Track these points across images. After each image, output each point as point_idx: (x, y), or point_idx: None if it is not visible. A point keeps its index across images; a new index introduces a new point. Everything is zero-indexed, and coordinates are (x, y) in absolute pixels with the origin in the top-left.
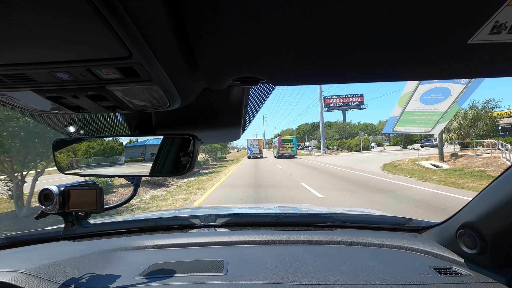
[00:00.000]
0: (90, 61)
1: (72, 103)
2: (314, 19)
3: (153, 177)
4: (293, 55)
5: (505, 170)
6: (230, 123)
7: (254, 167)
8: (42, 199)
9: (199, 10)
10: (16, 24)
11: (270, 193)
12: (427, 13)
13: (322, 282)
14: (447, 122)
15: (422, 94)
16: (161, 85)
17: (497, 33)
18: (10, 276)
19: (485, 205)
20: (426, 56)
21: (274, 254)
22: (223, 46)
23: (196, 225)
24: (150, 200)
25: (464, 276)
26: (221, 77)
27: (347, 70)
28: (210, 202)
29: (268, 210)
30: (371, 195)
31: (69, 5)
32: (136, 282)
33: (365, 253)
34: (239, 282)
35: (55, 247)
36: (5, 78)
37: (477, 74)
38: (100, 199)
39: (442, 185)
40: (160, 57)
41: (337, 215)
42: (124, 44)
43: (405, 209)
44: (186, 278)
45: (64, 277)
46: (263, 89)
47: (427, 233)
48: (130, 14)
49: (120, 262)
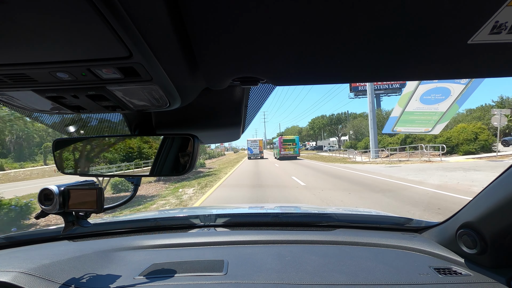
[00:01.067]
0: (90, 61)
1: (72, 103)
2: (314, 19)
3: (153, 177)
4: (293, 55)
5: (505, 170)
6: (230, 123)
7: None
8: (42, 199)
9: (199, 10)
10: (16, 24)
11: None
12: (427, 13)
13: (322, 282)
14: (447, 122)
15: (422, 94)
16: (161, 85)
17: (497, 33)
18: (10, 276)
19: (485, 205)
20: (426, 56)
21: (274, 254)
22: (223, 46)
23: (196, 225)
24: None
25: (464, 276)
26: (221, 77)
27: (347, 70)
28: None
29: (268, 210)
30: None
31: (69, 5)
32: (136, 282)
33: (365, 253)
34: (239, 282)
35: (55, 247)
36: (5, 78)
37: (477, 74)
38: (100, 199)
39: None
40: (160, 57)
41: (337, 215)
42: (124, 44)
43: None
44: (186, 278)
45: (64, 277)
46: (263, 89)
47: (427, 233)
48: (130, 14)
49: (120, 262)
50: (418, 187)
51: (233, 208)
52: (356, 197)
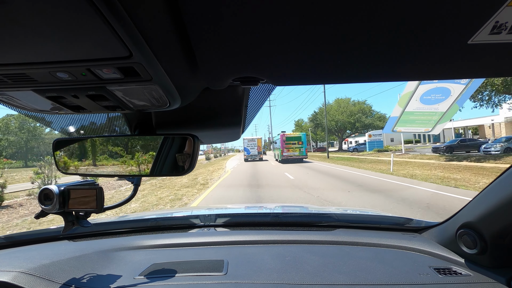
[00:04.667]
0: (90, 61)
1: (72, 103)
2: (314, 19)
3: (153, 177)
4: (293, 55)
5: (505, 170)
6: (230, 123)
7: None
8: (42, 199)
9: (199, 10)
10: (16, 24)
11: None
12: (427, 13)
13: (322, 282)
14: (447, 122)
15: (422, 94)
16: (161, 85)
17: (497, 33)
18: (10, 276)
19: (485, 205)
20: (426, 56)
21: (274, 254)
22: (223, 46)
23: (196, 225)
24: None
25: (464, 276)
26: (221, 77)
27: (347, 70)
28: None
29: (268, 210)
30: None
31: (69, 5)
32: (136, 282)
33: (365, 253)
34: (239, 282)
35: (55, 246)
36: (5, 78)
37: (477, 74)
38: (100, 198)
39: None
40: (160, 57)
41: (337, 215)
42: (124, 44)
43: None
44: (186, 278)
45: (64, 276)
46: (263, 89)
47: (427, 233)
48: (130, 14)
49: (120, 261)
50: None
51: (233, 208)
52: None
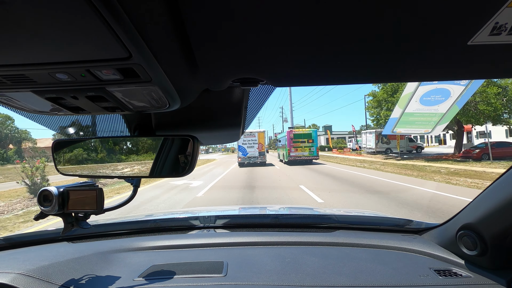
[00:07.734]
0: (89, 62)
1: (71, 104)
2: (314, 20)
3: (153, 178)
4: (293, 56)
5: (505, 171)
6: (230, 124)
7: None
8: (41, 200)
9: (199, 11)
10: (16, 25)
11: None
12: (427, 14)
13: (322, 283)
14: (447, 123)
15: (422, 95)
16: (160, 86)
17: (497, 34)
18: (9, 277)
19: (485, 207)
20: (426, 57)
21: (274, 256)
22: (222, 47)
23: (195, 226)
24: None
25: (464, 278)
26: (221, 78)
27: (347, 71)
28: None
29: (268, 211)
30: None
31: (68, 6)
32: (135, 283)
33: (365, 255)
34: (239, 284)
35: (54, 248)
36: (4, 79)
37: (477, 75)
38: (100, 200)
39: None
40: (159, 58)
41: (336, 216)
42: (123, 45)
43: None
44: (185, 279)
45: (63, 278)
46: (263, 90)
47: (427, 234)
48: (130, 15)
49: (119, 263)
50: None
51: (233, 210)
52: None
